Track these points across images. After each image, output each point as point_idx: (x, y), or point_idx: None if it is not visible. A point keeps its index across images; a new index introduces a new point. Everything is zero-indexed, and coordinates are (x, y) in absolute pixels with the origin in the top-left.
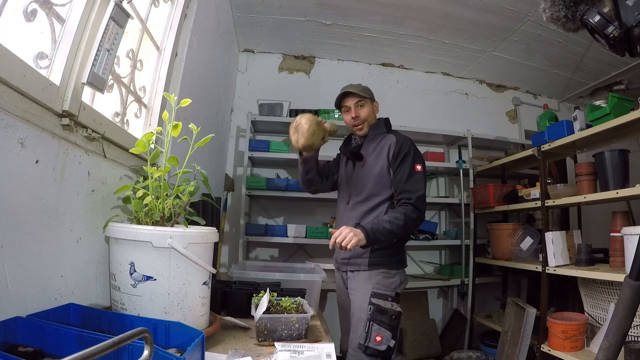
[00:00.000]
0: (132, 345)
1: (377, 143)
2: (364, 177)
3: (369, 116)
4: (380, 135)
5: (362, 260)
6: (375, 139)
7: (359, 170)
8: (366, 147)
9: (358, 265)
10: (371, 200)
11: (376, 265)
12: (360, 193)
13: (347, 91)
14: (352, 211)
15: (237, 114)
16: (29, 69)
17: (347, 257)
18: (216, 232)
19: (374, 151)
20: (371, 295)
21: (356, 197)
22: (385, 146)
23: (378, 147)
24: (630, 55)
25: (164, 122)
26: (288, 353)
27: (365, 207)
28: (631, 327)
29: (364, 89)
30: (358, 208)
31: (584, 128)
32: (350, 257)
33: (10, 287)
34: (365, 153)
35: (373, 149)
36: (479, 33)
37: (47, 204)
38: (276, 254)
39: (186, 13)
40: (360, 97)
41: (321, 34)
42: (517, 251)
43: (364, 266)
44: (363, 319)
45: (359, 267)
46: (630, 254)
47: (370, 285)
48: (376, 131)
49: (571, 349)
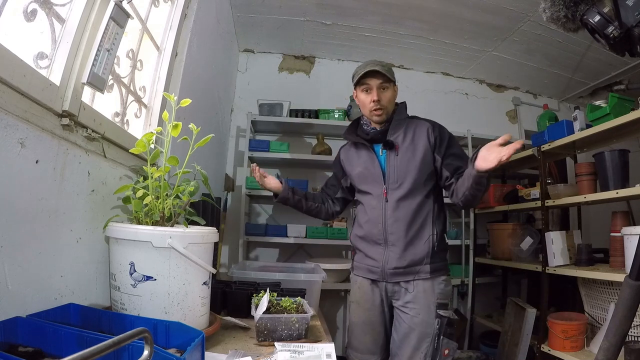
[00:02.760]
0: (132, 345)
1: (405, 129)
2: (403, 167)
3: (390, 102)
4: (404, 120)
5: (422, 267)
6: (401, 125)
7: (393, 160)
8: (394, 134)
9: (416, 273)
10: (417, 194)
11: (438, 271)
12: (401, 186)
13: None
14: (398, 210)
15: (237, 114)
16: (29, 69)
17: (402, 265)
18: (216, 232)
19: (405, 138)
20: (437, 307)
21: (396, 191)
22: (422, 132)
23: (410, 133)
24: (630, 55)
25: (164, 122)
26: (288, 353)
27: (413, 203)
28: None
29: (389, 69)
30: (404, 205)
31: (584, 128)
32: (407, 264)
33: (10, 287)
34: (395, 140)
35: (404, 135)
36: (479, 33)
37: (47, 204)
38: (276, 254)
39: (186, 13)
40: (385, 79)
41: (321, 34)
42: (517, 251)
43: (424, 274)
44: (429, 334)
45: (417, 275)
46: (630, 254)
47: (433, 296)
48: (401, 116)
49: (571, 349)
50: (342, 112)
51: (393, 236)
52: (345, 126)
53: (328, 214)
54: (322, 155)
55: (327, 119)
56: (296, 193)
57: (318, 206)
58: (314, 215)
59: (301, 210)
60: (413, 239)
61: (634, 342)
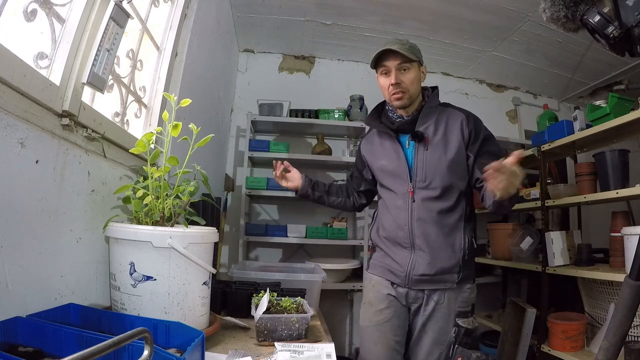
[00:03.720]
0: (132, 345)
1: (436, 119)
2: (433, 164)
3: (413, 84)
4: (435, 108)
5: (451, 276)
6: (432, 113)
7: (422, 155)
8: (424, 124)
9: (445, 282)
10: (448, 195)
11: (466, 279)
12: (431, 185)
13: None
14: (426, 212)
15: (237, 114)
16: (29, 69)
17: (430, 272)
18: (216, 232)
19: (437, 130)
20: (456, 316)
21: (424, 190)
22: (455, 124)
23: (442, 125)
24: (630, 55)
25: (164, 122)
26: (288, 353)
27: (444, 204)
28: (631, 327)
29: (411, 47)
30: (433, 207)
31: (584, 128)
32: (436, 272)
33: (10, 287)
34: (425, 131)
35: (435, 126)
36: (479, 33)
37: (47, 204)
38: (276, 254)
39: (186, 13)
40: (405, 58)
41: (321, 34)
42: (517, 251)
43: (451, 283)
44: (444, 341)
45: (445, 284)
46: (630, 254)
47: (455, 304)
48: (432, 102)
49: (571, 349)
50: (342, 112)
51: (420, 240)
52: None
53: (355, 207)
54: (322, 155)
55: (327, 119)
56: (317, 189)
57: (342, 200)
58: (341, 208)
59: (325, 205)
60: (443, 244)
61: (634, 342)
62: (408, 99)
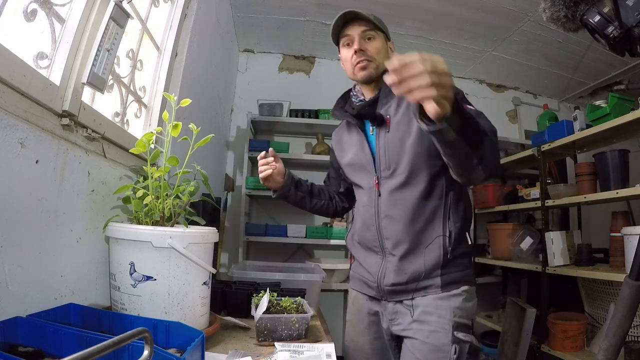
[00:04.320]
0: (132, 345)
1: (398, 97)
2: (395, 147)
3: (379, 54)
4: None
5: (431, 281)
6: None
7: (383, 139)
8: (385, 104)
9: (424, 289)
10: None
11: (455, 283)
12: (396, 172)
13: (351, 13)
14: (393, 206)
15: (237, 114)
16: (29, 69)
17: (401, 280)
18: (216, 232)
19: (399, 108)
20: (454, 328)
21: (390, 180)
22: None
23: (404, 102)
24: (630, 55)
25: (164, 122)
26: (288, 353)
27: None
28: (631, 327)
29: (376, 18)
30: (400, 198)
31: (584, 128)
32: (409, 279)
33: (10, 287)
34: (386, 113)
35: (397, 104)
36: (479, 33)
37: (47, 204)
38: (276, 254)
39: (186, 13)
40: (370, 25)
41: (321, 34)
42: (517, 251)
43: (434, 288)
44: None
45: (425, 291)
46: (630, 254)
47: (449, 313)
48: None
49: (571, 349)
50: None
51: (390, 242)
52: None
53: (337, 211)
54: (322, 155)
55: (327, 119)
56: (300, 189)
57: (325, 204)
58: (322, 214)
59: (305, 209)
60: (416, 244)
61: (634, 342)
62: (375, 69)
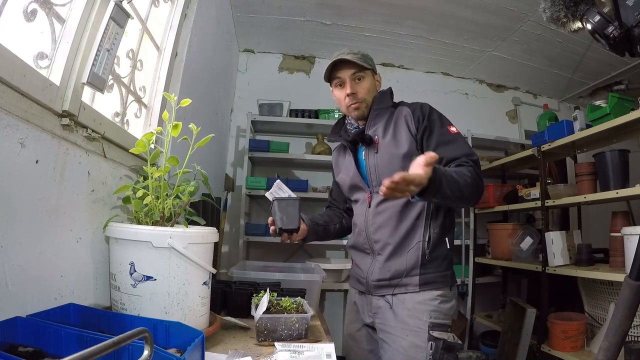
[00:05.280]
0: (132, 345)
1: (387, 119)
2: (383, 164)
3: (368, 93)
4: (386, 110)
5: (410, 279)
6: (382, 115)
7: (373, 159)
8: (373, 126)
9: (404, 286)
10: None
11: (431, 284)
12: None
13: (340, 59)
14: (379, 215)
15: (237, 114)
16: (29, 69)
17: (385, 277)
18: (216, 232)
19: (386, 129)
20: (430, 328)
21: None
22: (400, 119)
23: (391, 123)
24: (630, 55)
25: (164, 122)
26: (288, 353)
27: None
28: (631, 327)
29: (363, 56)
30: (385, 208)
31: (584, 128)
32: (391, 276)
33: (10, 287)
34: (374, 134)
35: (384, 126)
36: (479, 33)
37: (47, 204)
38: (276, 254)
39: (186, 13)
40: (358, 67)
41: (321, 34)
42: (517, 251)
43: (412, 286)
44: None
45: (405, 288)
46: (630, 254)
47: (424, 314)
48: (382, 104)
49: (571, 349)
50: (342, 112)
51: (378, 245)
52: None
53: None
54: (322, 155)
55: (327, 119)
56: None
57: (338, 226)
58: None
59: (329, 237)
60: (399, 246)
61: (634, 342)
62: (366, 108)
